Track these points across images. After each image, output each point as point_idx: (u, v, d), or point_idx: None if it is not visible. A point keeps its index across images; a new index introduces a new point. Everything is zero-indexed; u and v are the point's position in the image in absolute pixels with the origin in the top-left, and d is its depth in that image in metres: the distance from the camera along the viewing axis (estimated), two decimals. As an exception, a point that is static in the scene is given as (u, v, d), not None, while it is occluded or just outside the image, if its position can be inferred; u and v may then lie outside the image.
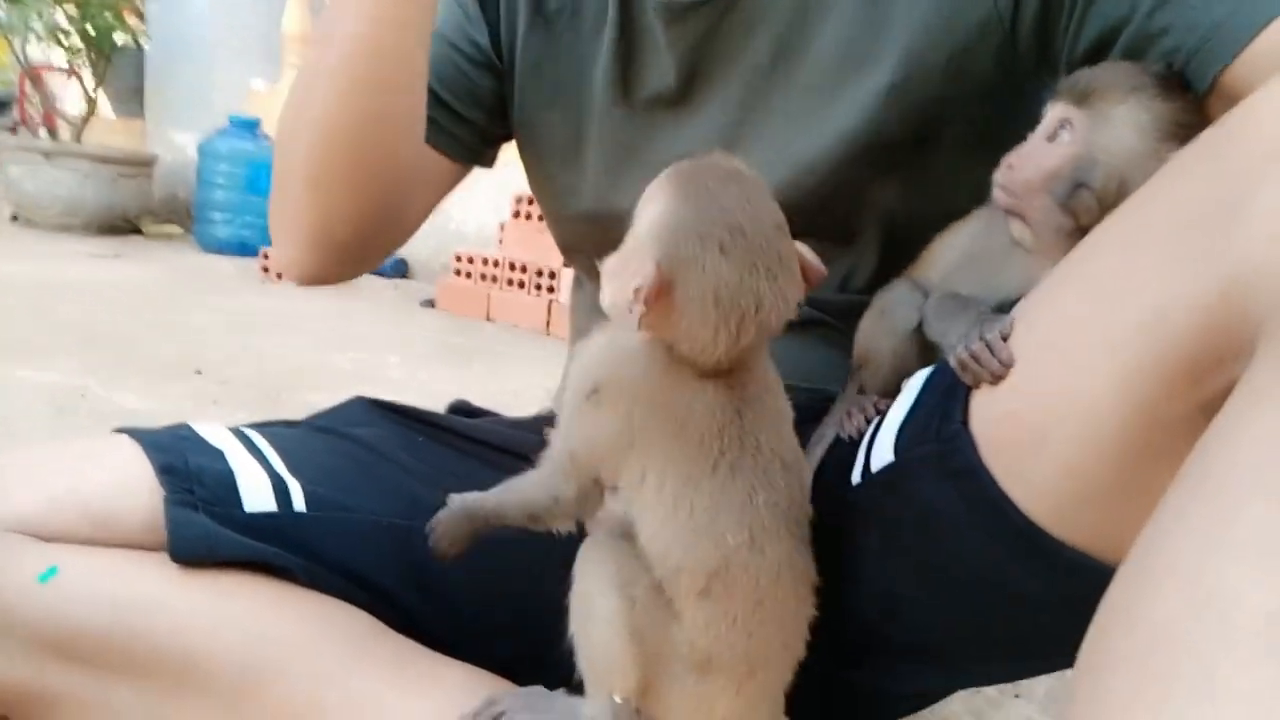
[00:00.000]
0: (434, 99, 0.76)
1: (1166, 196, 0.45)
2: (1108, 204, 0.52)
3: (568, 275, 2.45)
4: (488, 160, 0.84)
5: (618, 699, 0.53)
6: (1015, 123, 0.64)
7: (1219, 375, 0.40)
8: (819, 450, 0.63)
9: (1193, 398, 0.42)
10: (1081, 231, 0.52)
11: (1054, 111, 0.57)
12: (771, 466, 0.52)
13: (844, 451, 0.61)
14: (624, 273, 0.47)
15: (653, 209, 0.49)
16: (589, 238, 0.76)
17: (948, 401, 0.53)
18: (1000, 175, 0.58)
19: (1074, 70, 0.59)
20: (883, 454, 0.57)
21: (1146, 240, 0.45)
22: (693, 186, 0.49)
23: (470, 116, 0.79)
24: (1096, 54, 0.58)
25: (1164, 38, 0.54)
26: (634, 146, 0.71)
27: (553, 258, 3.07)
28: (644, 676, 0.53)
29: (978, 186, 0.59)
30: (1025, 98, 0.63)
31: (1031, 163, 0.57)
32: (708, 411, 0.51)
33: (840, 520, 0.58)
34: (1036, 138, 0.57)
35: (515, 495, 0.57)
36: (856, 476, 0.58)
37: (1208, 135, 0.44)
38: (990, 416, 0.51)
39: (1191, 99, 0.54)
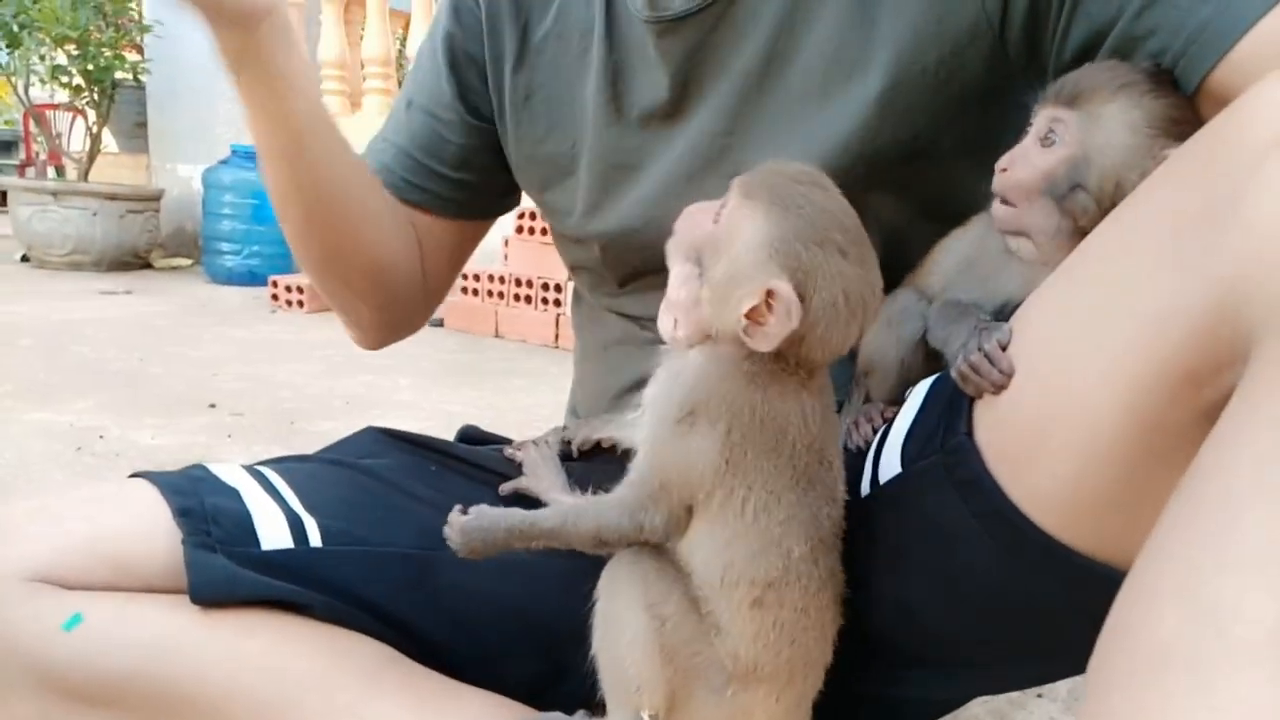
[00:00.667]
0: (422, 168, 0.81)
1: (1159, 202, 0.45)
2: (1105, 204, 0.52)
3: (572, 290, 2.45)
4: (503, 207, 0.88)
5: (646, 716, 0.53)
6: (1006, 129, 0.65)
7: (1219, 381, 0.40)
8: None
9: (1194, 404, 0.42)
10: (1081, 233, 0.52)
11: (1044, 114, 0.57)
12: (837, 478, 0.54)
13: (852, 462, 0.61)
14: (733, 295, 0.49)
15: (750, 227, 0.50)
16: (590, 254, 0.76)
17: (951, 411, 0.54)
18: (997, 182, 0.58)
19: (1061, 74, 0.59)
20: (890, 465, 0.57)
21: (1141, 247, 0.45)
22: (786, 196, 0.49)
23: (460, 177, 0.82)
24: (1084, 57, 0.58)
25: (1150, 40, 0.54)
26: (629, 164, 0.71)
27: (558, 271, 3.08)
28: (671, 693, 0.53)
29: (972, 194, 0.60)
30: (1015, 104, 0.63)
31: (1026, 166, 0.57)
32: (803, 421, 0.52)
33: (850, 531, 0.59)
34: (1029, 141, 0.57)
35: (589, 521, 0.55)
36: (865, 487, 0.59)
37: (1197, 139, 0.44)
38: (993, 425, 0.51)
39: (1182, 95, 0.54)
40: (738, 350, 0.51)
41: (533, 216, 3.30)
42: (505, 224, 3.58)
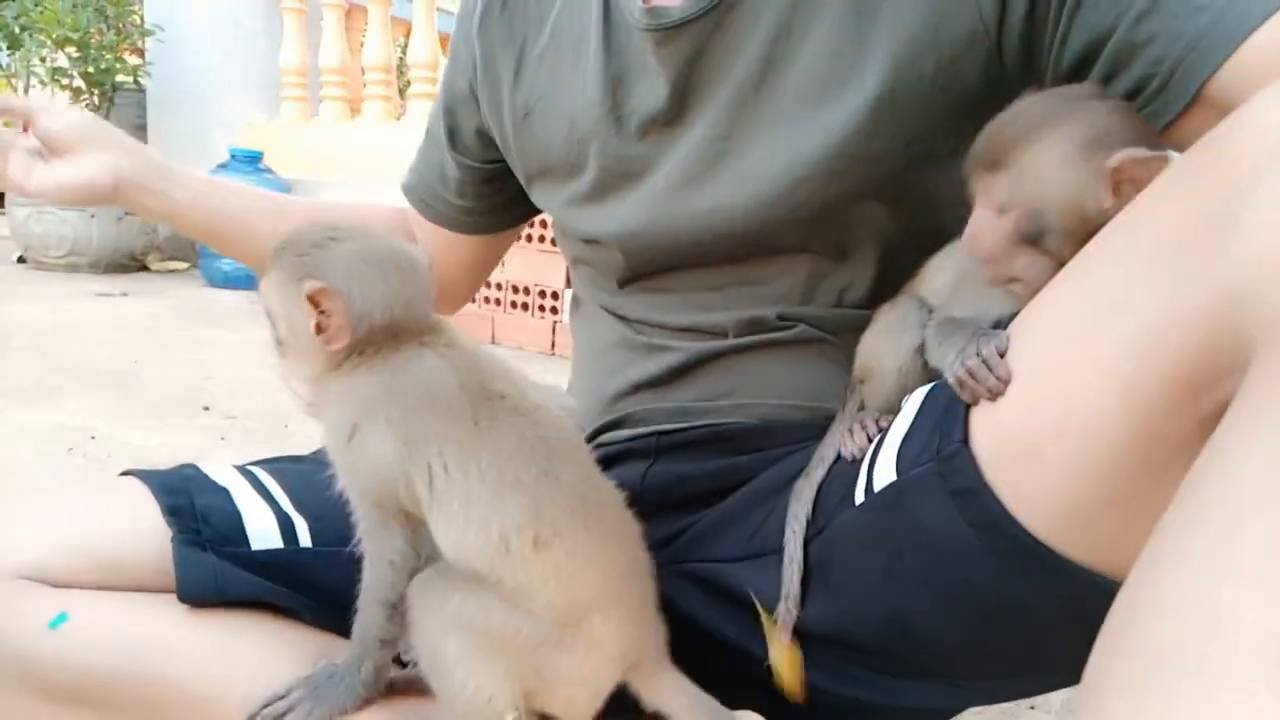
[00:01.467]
0: (433, 192, 0.90)
1: (1159, 211, 0.45)
2: (1081, 233, 0.52)
3: (570, 296, 2.44)
4: (514, 222, 0.94)
5: (510, 718, 0.53)
6: None
7: (1218, 390, 0.40)
8: (820, 470, 0.62)
9: (1193, 413, 0.41)
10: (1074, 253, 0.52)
11: (978, 186, 0.57)
12: (523, 405, 0.56)
13: (846, 470, 0.61)
14: (296, 329, 0.57)
15: (267, 283, 0.59)
16: (591, 251, 0.76)
17: (947, 419, 0.53)
18: (970, 256, 0.58)
19: (1059, 83, 0.59)
20: (885, 473, 0.57)
21: (1142, 255, 0.45)
22: (278, 255, 0.59)
23: (463, 204, 0.89)
24: (1082, 65, 0.58)
25: (1148, 47, 0.54)
26: (631, 171, 0.71)
27: (555, 279, 3.08)
28: (522, 682, 0.54)
29: (969, 203, 0.59)
30: None
31: (989, 234, 0.56)
32: (438, 371, 0.55)
33: (845, 538, 0.58)
34: (977, 216, 0.57)
35: (370, 611, 0.57)
36: (860, 495, 0.58)
37: (1197, 149, 0.44)
38: (991, 432, 0.51)
39: (1097, 99, 0.54)
40: (342, 360, 0.57)
41: (531, 224, 3.31)
42: (503, 231, 3.58)
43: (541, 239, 3.13)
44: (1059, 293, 0.51)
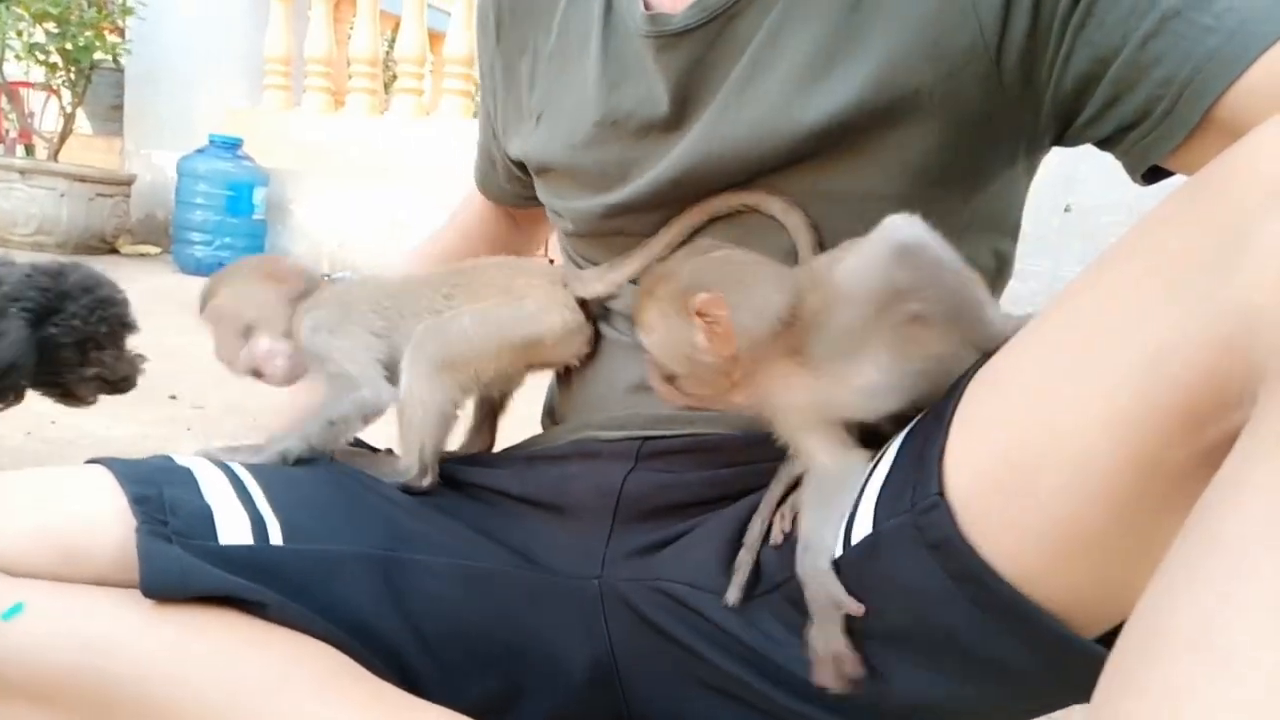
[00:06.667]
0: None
1: (1163, 237, 0.44)
2: (706, 371, 0.59)
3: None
4: None
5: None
6: (992, 160, 0.64)
7: (1220, 422, 0.39)
8: (748, 561, 0.61)
9: (1193, 445, 0.41)
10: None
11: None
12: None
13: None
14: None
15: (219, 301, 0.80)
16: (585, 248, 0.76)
17: (921, 468, 0.52)
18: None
19: (1060, 106, 0.58)
20: (863, 525, 0.55)
21: (1142, 281, 0.44)
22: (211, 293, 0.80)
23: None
24: (1086, 85, 0.57)
25: (1156, 68, 0.53)
26: (623, 175, 0.70)
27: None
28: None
29: (953, 229, 0.58)
30: (1005, 136, 0.63)
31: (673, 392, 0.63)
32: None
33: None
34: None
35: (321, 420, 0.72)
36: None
37: (1203, 177, 0.44)
38: (971, 478, 0.50)
39: (699, 257, 0.61)
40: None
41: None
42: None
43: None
44: (1054, 318, 0.50)
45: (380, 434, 0.76)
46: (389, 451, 0.78)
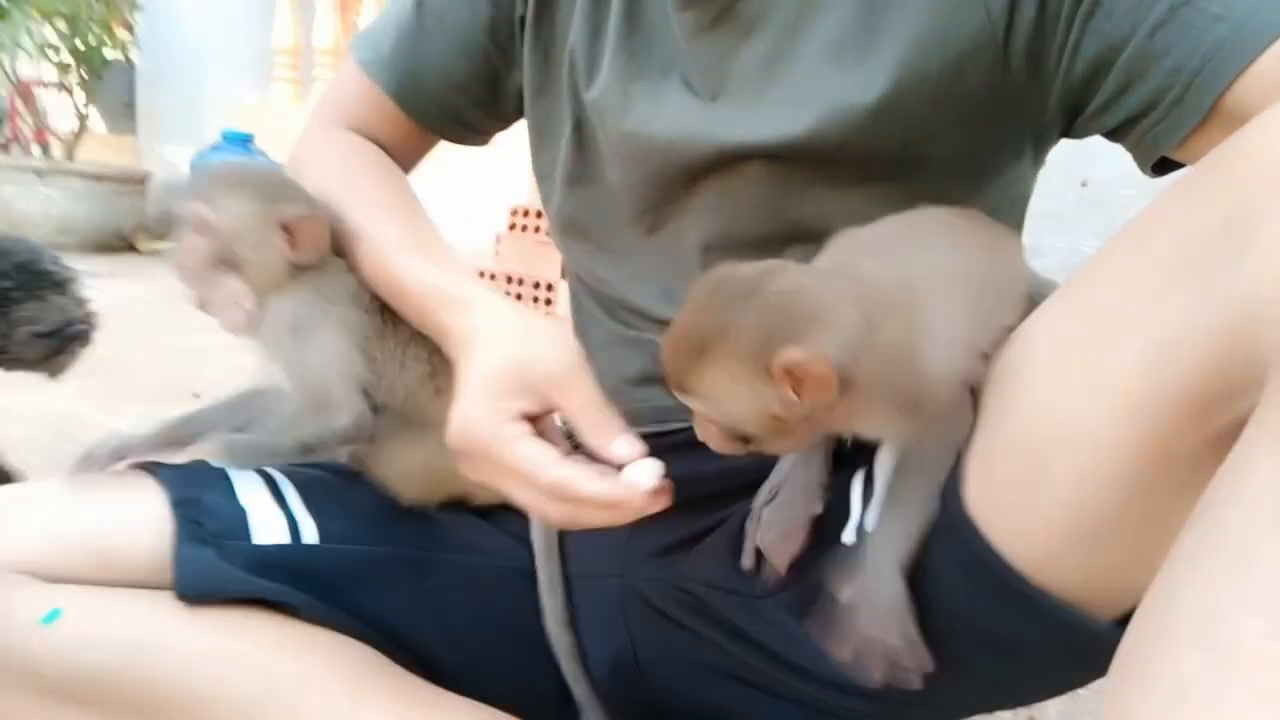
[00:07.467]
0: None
1: (1169, 225, 0.44)
2: (788, 424, 0.51)
3: (565, 287, 2.42)
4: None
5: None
6: (998, 150, 0.64)
7: (1228, 409, 0.39)
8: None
9: (1201, 431, 0.41)
10: None
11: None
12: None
13: (834, 502, 0.59)
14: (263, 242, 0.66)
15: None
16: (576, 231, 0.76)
17: None
18: None
19: (1069, 96, 0.58)
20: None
21: (1150, 270, 0.44)
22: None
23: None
24: (1094, 75, 0.57)
25: (1165, 58, 0.53)
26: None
27: (550, 270, 3.06)
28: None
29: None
30: (1011, 125, 0.62)
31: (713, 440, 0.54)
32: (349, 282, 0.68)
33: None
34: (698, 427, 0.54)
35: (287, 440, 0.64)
36: (850, 536, 0.57)
37: (1211, 162, 0.43)
38: (985, 457, 0.50)
39: (759, 301, 0.50)
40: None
41: (525, 214, 3.28)
42: (498, 222, 3.55)
43: (538, 229, 3.11)
44: (1064, 305, 0.50)
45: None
46: None
